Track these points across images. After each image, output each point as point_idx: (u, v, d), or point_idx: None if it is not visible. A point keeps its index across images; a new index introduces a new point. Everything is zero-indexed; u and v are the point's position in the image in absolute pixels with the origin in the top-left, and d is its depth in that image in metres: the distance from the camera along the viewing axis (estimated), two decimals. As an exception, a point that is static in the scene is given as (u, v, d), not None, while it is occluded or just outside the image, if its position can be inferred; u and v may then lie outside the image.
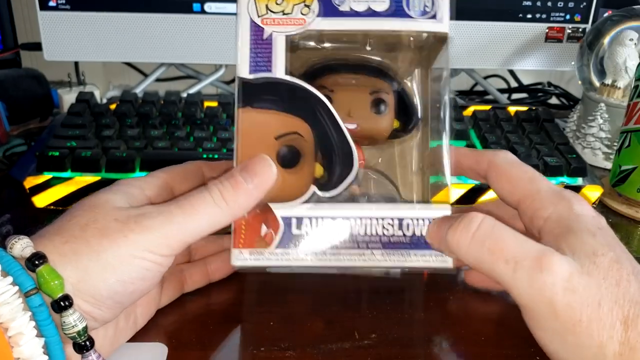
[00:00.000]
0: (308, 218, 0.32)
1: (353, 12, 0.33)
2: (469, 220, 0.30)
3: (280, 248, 0.32)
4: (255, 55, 0.33)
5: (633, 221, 0.52)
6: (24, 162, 0.52)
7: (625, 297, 0.27)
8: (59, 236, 0.28)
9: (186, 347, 0.33)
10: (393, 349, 0.33)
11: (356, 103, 0.35)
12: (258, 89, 0.33)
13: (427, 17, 0.33)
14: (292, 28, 0.33)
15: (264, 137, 0.33)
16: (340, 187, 0.33)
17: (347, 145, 0.33)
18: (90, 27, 0.66)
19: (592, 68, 0.66)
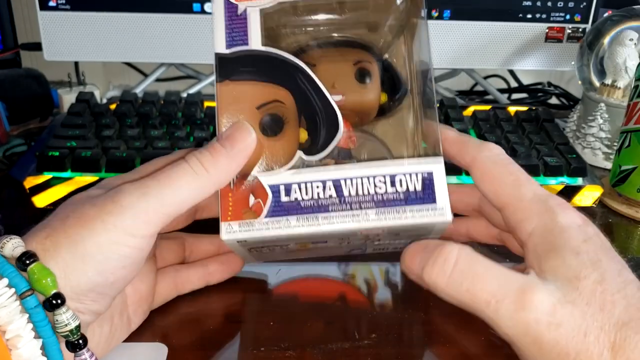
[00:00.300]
0: (296, 184, 0.32)
1: None
2: (443, 259, 0.29)
3: (269, 217, 0.31)
4: (231, 31, 0.33)
5: (633, 221, 0.52)
6: (24, 162, 0.52)
7: (610, 322, 0.26)
8: (42, 231, 0.28)
9: (186, 347, 0.33)
10: (393, 349, 0.33)
11: (340, 74, 0.35)
12: (235, 62, 0.33)
13: None
14: (265, 1, 0.33)
15: (245, 108, 0.32)
16: (327, 150, 0.33)
17: (331, 107, 0.33)
18: (90, 27, 0.66)
19: (592, 68, 0.66)
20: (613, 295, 0.26)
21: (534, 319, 0.26)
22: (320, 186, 0.32)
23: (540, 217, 0.29)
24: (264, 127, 0.33)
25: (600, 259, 0.27)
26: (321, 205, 0.31)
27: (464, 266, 0.28)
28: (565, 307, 0.26)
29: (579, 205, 0.52)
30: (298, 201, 0.31)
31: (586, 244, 0.28)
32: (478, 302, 0.28)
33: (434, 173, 0.32)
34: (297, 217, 0.31)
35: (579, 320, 0.26)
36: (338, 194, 0.32)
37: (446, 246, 0.29)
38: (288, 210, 0.31)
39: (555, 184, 0.52)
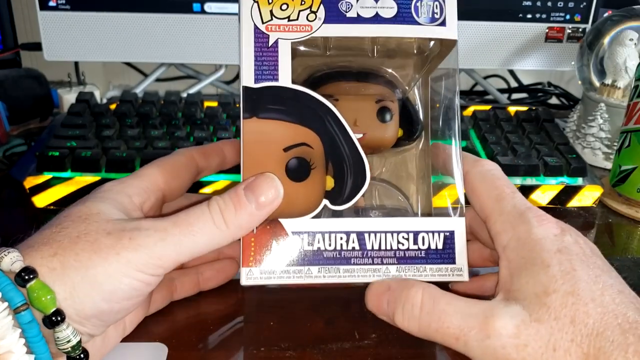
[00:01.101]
0: (320, 233, 0.32)
1: (360, 18, 0.32)
2: (411, 305, 0.29)
3: (291, 265, 0.31)
4: (261, 63, 0.32)
5: (633, 221, 0.51)
6: (24, 162, 0.52)
7: (583, 333, 0.25)
8: (47, 247, 0.27)
9: (186, 347, 0.33)
10: (393, 349, 0.33)
11: (362, 112, 0.34)
12: (264, 98, 0.32)
13: (436, 24, 0.33)
14: (298, 35, 0.32)
15: (272, 149, 0.31)
16: (353, 200, 0.32)
17: (359, 156, 0.32)
18: (90, 27, 0.66)
19: (592, 68, 0.66)
20: (587, 305, 0.26)
21: (500, 345, 0.26)
22: (344, 237, 0.32)
23: (516, 229, 0.30)
24: (290, 170, 0.32)
25: (574, 268, 0.27)
26: (343, 257, 0.32)
27: (429, 307, 0.29)
28: (531, 326, 0.26)
29: (579, 205, 0.52)
30: (321, 251, 0.32)
31: (560, 254, 0.28)
32: (448, 339, 0.28)
33: (455, 232, 0.32)
34: (319, 268, 0.32)
35: (546, 337, 0.26)
36: (361, 246, 0.32)
37: (411, 290, 0.29)
38: (310, 260, 0.32)
39: (555, 184, 0.52)
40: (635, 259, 0.45)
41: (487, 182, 0.33)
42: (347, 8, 0.32)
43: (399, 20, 0.33)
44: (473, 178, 0.33)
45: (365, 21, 0.32)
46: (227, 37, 0.68)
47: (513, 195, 0.32)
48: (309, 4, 0.32)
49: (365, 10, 0.32)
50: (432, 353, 0.34)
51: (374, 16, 0.32)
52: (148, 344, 0.33)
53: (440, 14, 0.33)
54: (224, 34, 0.68)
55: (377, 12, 0.32)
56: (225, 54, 0.69)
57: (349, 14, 0.32)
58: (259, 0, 0.32)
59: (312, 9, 0.32)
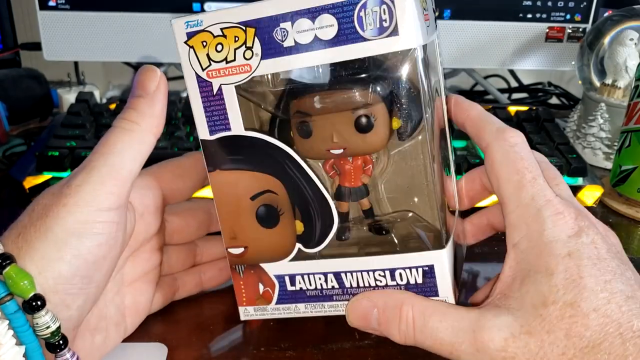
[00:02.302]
0: (300, 275, 0.33)
1: (298, 46, 0.28)
2: (405, 324, 0.29)
3: (280, 304, 0.33)
4: (211, 114, 0.30)
5: (633, 221, 0.51)
6: (24, 162, 0.52)
7: (577, 346, 0.25)
8: (13, 230, 0.27)
9: (186, 347, 0.33)
10: (393, 349, 0.33)
11: (339, 126, 0.31)
12: (222, 150, 0.31)
13: (386, 35, 0.28)
14: (239, 77, 0.30)
15: (239, 199, 0.32)
16: (324, 243, 0.32)
17: (323, 198, 0.32)
18: (90, 27, 0.66)
19: (592, 68, 0.66)
20: (587, 316, 0.25)
21: (489, 358, 0.27)
22: (322, 278, 0.32)
23: (529, 227, 0.29)
24: (259, 218, 0.32)
25: (581, 275, 0.26)
26: (326, 295, 0.33)
27: (420, 324, 0.29)
28: (519, 339, 0.26)
29: (579, 205, 0.52)
30: (303, 290, 0.33)
31: (568, 259, 0.27)
32: (443, 353, 0.28)
33: (435, 266, 0.31)
34: (305, 305, 0.33)
35: (534, 350, 0.26)
36: (340, 285, 0.32)
37: (403, 308, 0.29)
38: (295, 298, 0.33)
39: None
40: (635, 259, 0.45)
41: (509, 162, 0.30)
42: (282, 36, 0.29)
43: (342, 40, 0.28)
44: (494, 154, 0.30)
45: (304, 48, 0.28)
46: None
47: (534, 182, 0.29)
48: (243, 40, 0.29)
49: (302, 35, 0.28)
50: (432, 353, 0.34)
51: (312, 41, 0.28)
52: (148, 344, 0.33)
53: (390, 20, 0.27)
54: (224, 34, 0.68)
55: (316, 34, 0.28)
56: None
57: (286, 43, 0.29)
58: (194, 45, 0.30)
59: (247, 44, 0.29)
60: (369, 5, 0.27)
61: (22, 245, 0.26)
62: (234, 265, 0.33)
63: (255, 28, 0.29)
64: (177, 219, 0.36)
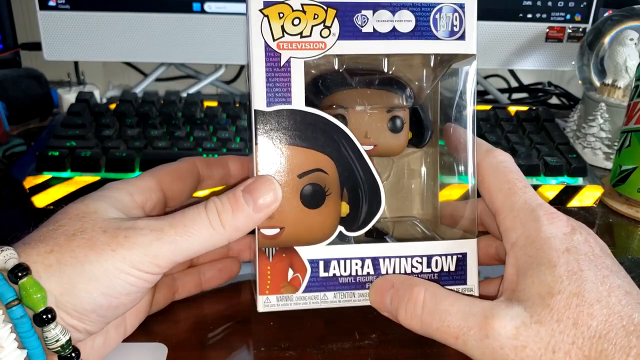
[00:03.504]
0: (336, 260, 0.32)
1: (376, 33, 0.31)
2: (413, 303, 0.29)
3: (307, 292, 0.32)
4: (273, 85, 0.30)
5: (633, 221, 0.51)
6: (24, 162, 0.52)
7: (585, 335, 0.25)
8: (43, 244, 0.27)
9: (186, 347, 0.33)
10: (393, 349, 0.33)
11: (373, 123, 0.33)
12: (277, 123, 0.30)
13: (455, 38, 0.31)
14: (312, 53, 0.30)
15: (286, 175, 0.31)
16: (368, 226, 0.32)
17: (374, 181, 0.32)
18: (90, 27, 0.66)
19: (592, 68, 0.66)
20: (592, 306, 0.26)
21: (498, 346, 0.26)
22: (359, 263, 0.32)
23: (525, 226, 0.29)
24: (304, 197, 0.31)
25: (581, 268, 0.27)
26: (359, 282, 0.32)
27: (431, 306, 0.29)
28: (531, 327, 0.26)
29: (580, 205, 0.52)
30: (336, 277, 0.32)
31: (567, 254, 0.28)
32: (448, 338, 0.28)
33: (467, 254, 0.33)
34: (335, 293, 0.32)
35: (546, 339, 0.26)
36: (376, 271, 0.32)
37: (414, 288, 0.29)
38: (326, 286, 0.32)
39: (555, 184, 0.52)
40: (635, 259, 0.45)
41: (498, 175, 0.32)
42: (362, 22, 0.31)
43: (417, 35, 0.31)
44: (484, 170, 0.32)
45: (382, 36, 0.31)
46: (227, 36, 0.68)
47: (524, 190, 0.31)
48: (322, 18, 0.30)
49: (381, 24, 0.31)
50: (432, 353, 0.34)
51: (390, 31, 0.31)
52: (148, 344, 0.33)
53: (460, 26, 0.31)
54: (224, 34, 0.68)
55: (395, 26, 0.31)
56: (225, 54, 0.69)
57: (364, 29, 0.31)
58: (270, 15, 0.30)
59: (325, 23, 0.30)
60: (444, 10, 0.31)
61: (53, 263, 0.26)
62: (264, 248, 0.31)
63: (336, 10, 0.30)
64: None
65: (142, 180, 0.33)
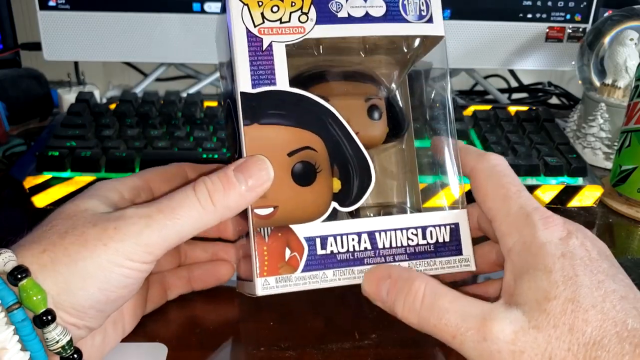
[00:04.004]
0: (332, 236, 0.31)
1: (351, 18, 0.32)
2: (412, 297, 0.29)
3: (306, 271, 0.31)
4: (257, 68, 0.31)
5: (633, 221, 0.51)
6: (24, 162, 0.52)
7: (580, 342, 0.25)
8: (37, 244, 0.27)
9: (186, 347, 0.33)
10: (393, 349, 0.33)
11: (353, 110, 0.34)
12: (263, 103, 0.31)
13: (424, 21, 0.33)
14: (292, 37, 0.32)
15: (276, 154, 0.31)
16: (361, 201, 0.32)
17: (363, 156, 0.32)
18: (90, 27, 0.66)
19: (592, 68, 0.66)
20: (587, 312, 0.26)
21: (496, 349, 0.26)
22: (355, 238, 0.32)
23: (521, 232, 0.29)
24: (296, 175, 0.31)
25: (576, 273, 0.27)
26: (357, 258, 0.32)
27: (430, 302, 0.29)
28: (529, 333, 0.26)
29: (580, 205, 0.52)
30: (334, 254, 0.31)
31: (563, 259, 0.28)
32: (445, 336, 0.28)
33: (460, 224, 0.33)
34: (334, 271, 0.31)
35: (543, 345, 0.26)
36: (373, 246, 0.32)
37: (414, 282, 0.29)
38: (324, 264, 0.31)
39: (555, 184, 0.52)
40: (635, 259, 0.45)
41: (493, 180, 0.32)
42: (337, 8, 0.32)
43: (389, 18, 0.33)
44: (478, 175, 0.33)
45: (356, 21, 0.32)
46: (227, 37, 0.68)
47: (519, 194, 0.31)
48: (299, 5, 0.32)
49: (355, 9, 0.32)
50: (432, 353, 0.34)
51: (364, 15, 0.32)
52: (148, 344, 0.33)
53: (427, 10, 0.33)
54: (224, 34, 0.68)
55: (367, 11, 0.33)
56: (225, 54, 0.69)
57: (339, 14, 0.32)
58: (249, 3, 0.31)
59: (303, 10, 0.32)
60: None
61: (47, 263, 0.26)
62: (259, 228, 0.31)
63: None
64: None
65: (131, 179, 0.33)
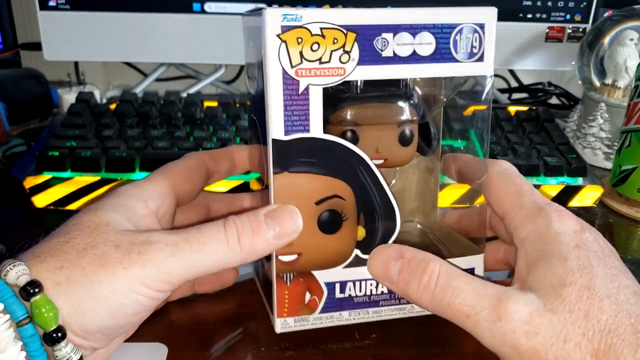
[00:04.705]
0: (351, 281, 0.32)
1: (396, 58, 0.30)
2: (428, 277, 0.29)
3: (324, 312, 0.33)
4: (291, 114, 0.29)
5: (633, 221, 0.51)
6: (24, 162, 0.52)
7: (596, 328, 0.25)
8: (54, 258, 0.27)
9: (186, 347, 0.33)
10: (393, 349, 0.33)
11: (384, 138, 0.34)
12: (294, 152, 0.30)
13: (474, 60, 0.31)
14: (330, 79, 0.29)
15: (304, 203, 0.30)
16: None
17: (390, 204, 0.32)
18: (90, 27, 0.66)
19: (592, 68, 0.66)
20: (602, 300, 0.26)
21: (510, 329, 0.26)
22: (374, 284, 0.33)
23: (535, 223, 0.30)
24: (322, 224, 0.31)
25: (591, 264, 0.27)
26: (373, 301, 0.33)
27: (444, 281, 0.29)
28: (544, 315, 0.26)
29: (580, 205, 0.52)
30: (352, 297, 0.32)
31: (578, 250, 0.28)
32: (459, 316, 0.28)
33: (475, 269, 0.34)
34: (350, 312, 0.33)
35: (558, 328, 0.26)
36: (390, 291, 0.32)
37: (430, 263, 0.29)
38: (341, 306, 0.33)
39: (555, 184, 0.52)
40: (635, 259, 0.45)
41: (505, 179, 0.33)
42: (383, 46, 0.29)
43: (437, 58, 0.30)
44: (490, 176, 0.33)
45: (402, 61, 0.30)
46: (227, 36, 0.68)
47: (532, 191, 0.32)
48: (342, 43, 0.29)
49: (402, 47, 0.30)
50: (432, 353, 0.34)
51: (411, 54, 0.30)
52: (148, 344, 0.33)
53: (479, 47, 0.31)
54: (224, 34, 0.68)
55: (415, 49, 0.30)
56: (225, 54, 0.69)
57: (384, 53, 0.29)
58: (288, 40, 0.28)
59: (345, 48, 0.29)
60: (464, 31, 0.31)
61: (62, 280, 0.26)
62: (282, 273, 0.32)
63: (356, 33, 0.29)
64: (181, 216, 0.36)
65: (155, 185, 0.32)
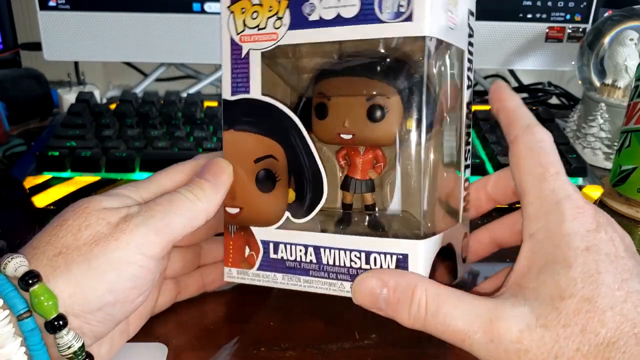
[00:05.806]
0: (283, 243, 0.33)
1: (322, 21, 0.30)
2: (416, 306, 0.28)
3: (260, 270, 0.34)
4: (236, 76, 0.33)
5: (633, 221, 0.51)
6: (24, 162, 0.52)
7: (592, 342, 0.24)
8: (51, 246, 0.27)
9: (186, 347, 0.33)
10: (393, 349, 0.33)
11: (352, 111, 0.32)
12: (238, 110, 0.33)
13: (401, 19, 0.29)
14: (265, 44, 0.32)
15: (245, 160, 0.33)
16: (309, 216, 0.33)
17: (318, 171, 0.32)
18: (90, 27, 0.67)
19: (592, 68, 0.66)
20: (604, 313, 0.25)
21: (503, 349, 0.26)
22: (302, 250, 0.33)
23: (548, 218, 0.28)
24: (259, 181, 0.33)
25: (599, 270, 0.26)
26: (303, 269, 0.33)
27: (434, 309, 0.28)
28: (535, 331, 0.26)
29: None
30: (284, 260, 0.33)
31: (586, 254, 0.27)
32: (455, 341, 0.28)
33: (409, 256, 0.30)
34: (283, 275, 0.34)
35: (549, 344, 0.25)
36: (318, 260, 0.32)
37: (416, 290, 0.29)
38: (275, 267, 0.34)
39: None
40: (635, 259, 0.45)
41: (533, 156, 0.30)
42: (310, 10, 0.31)
43: (361, 19, 0.29)
44: (520, 147, 0.31)
45: (327, 24, 0.30)
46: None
47: (556, 177, 0.30)
48: (275, 10, 0.32)
49: (327, 11, 0.30)
50: (432, 353, 0.34)
51: (335, 18, 0.30)
52: (148, 344, 0.33)
53: (407, 6, 0.28)
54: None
55: (339, 12, 0.30)
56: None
57: (311, 17, 0.31)
58: (235, 11, 0.32)
59: (278, 14, 0.31)
60: None
61: (60, 265, 0.27)
62: (228, 224, 0.34)
63: (288, 1, 0.31)
64: None
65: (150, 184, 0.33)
